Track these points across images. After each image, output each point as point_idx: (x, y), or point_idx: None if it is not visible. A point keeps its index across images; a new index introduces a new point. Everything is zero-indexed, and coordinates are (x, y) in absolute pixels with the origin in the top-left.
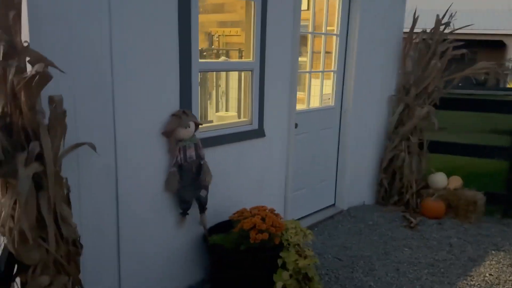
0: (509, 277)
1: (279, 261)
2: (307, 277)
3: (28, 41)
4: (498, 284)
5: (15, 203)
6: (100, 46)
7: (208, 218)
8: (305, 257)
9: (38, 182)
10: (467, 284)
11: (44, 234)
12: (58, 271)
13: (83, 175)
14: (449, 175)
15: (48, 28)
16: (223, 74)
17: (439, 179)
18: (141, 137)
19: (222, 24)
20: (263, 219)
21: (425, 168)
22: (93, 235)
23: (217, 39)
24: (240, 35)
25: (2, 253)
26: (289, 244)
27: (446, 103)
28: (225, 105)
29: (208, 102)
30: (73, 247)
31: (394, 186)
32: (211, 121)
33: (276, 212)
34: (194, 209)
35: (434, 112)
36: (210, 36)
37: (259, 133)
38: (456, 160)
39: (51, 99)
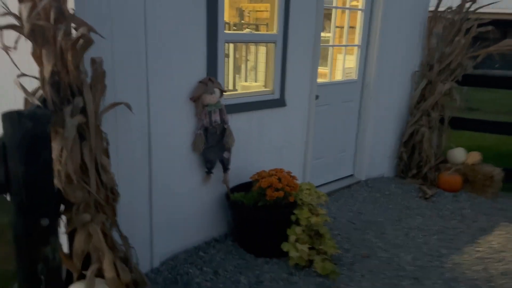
0: None
1: (293, 217)
2: (318, 233)
3: (74, 8)
4: (504, 251)
5: (62, 150)
6: (135, 15)
7: (231, 179)
8: (317, 215)
9: (81, 134)
10: (474, 250)
11: (86, 178)
12: (97, 211)
13: (120, 132)
14: (470, 151)
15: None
16: (253, 48)
17: (458, 154)
18: (171, 100)
19: (253, 0)
20: (279, 179)
21: (445, 143)
22: (128, 186)
23: (248, 14)
24: (268, 11)
25: None
26: (302, 203)
27: (468, 80)
28: (253, 77)
29: (237, 74)
30: (111, 194)
31: (413, 160)
32: (236, 90)
33: (292, 174)
34: (218, 171)
35: (455, 88)
36: (241, 12)
37: (280, 102)
38: (482, 138)
39: (93, 61)
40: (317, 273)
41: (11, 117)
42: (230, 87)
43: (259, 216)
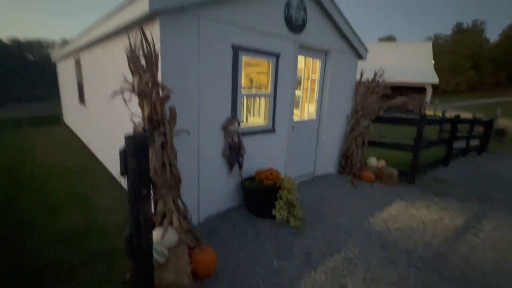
0: (404, 213)
1: (278, 195)
2: (292, 205)
3: (161, 79)
4: (397, 216)
5: (152, 155)
6: (193, 82)
7: (243, 173)
8: (292, 194)
9: (163, 146)
10: (380, 215)
11: (164, 171)
12: (170, 189)
13: (183, 146)
14: (379, 159)
15: (169, 73)
16: (258, 99)
17: (372, 161)
18: (211, 129)
19: (259, 72)
20: (270, 174)
21: (365, 155)
22: (187, 175)
23: (256, 80)
24: (267, 80)
25: None
26: (284, 187)
27: (378, 119)
28: (258, 115)
29: (249, 113)
30: (177, 180)
31: (348, 164)
32: (247, 122)
33: (279, 171)
34: (236, 168)
35: (371, 124)
36: (251, 80)
37: (272, 130)
38: (387, 152)
39: (170, 108)
40: (291, 227)
41: (129, 137)
42: (244, 121)
43: (259, 195)
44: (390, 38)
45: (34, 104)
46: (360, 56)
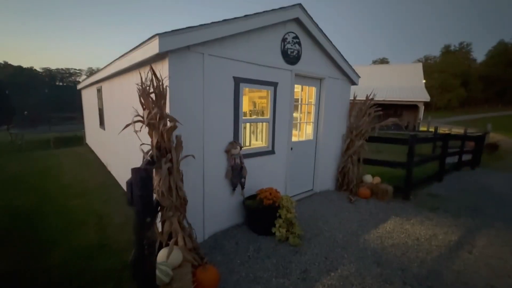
0: (399, 229)
1: (278, 214)
2: (291, 223)
3: (169, 111)
4: (392, 232)
5: (160, 180)
6: (198, 111)
7: (246, 192)
8: (290, 213)
9: (170, 171)
10: (376, 231)
11: (170, 193)
12: (176, 210)
13: (189, 169)
14: (375, 175)
15: (177, 105)
16: (261, 123)
17: (367, 178)
18: (215, 153)
19: (261, 97)
20: (270, 194)
21: (361, 172)
22: (193, 196)
23: (258, 103)
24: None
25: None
26: (283, 206)
27: (371, 139)
28: (261, 138)
29: (252, 137)
30: (183, 201)
31: (345, 181)
32: (249, 146)
33: (278, 190)
34: (239, 188)
35: (365, 143)
36: (254, 103)
37: (272, 152)
38: (383, 169)
39: (177, 136)
40: (290, 244)
41: (135, 170)
42: (247, 143)
43: (260, 213)
44: (383, 61)
45: (61, 126)
46: (352, 82)
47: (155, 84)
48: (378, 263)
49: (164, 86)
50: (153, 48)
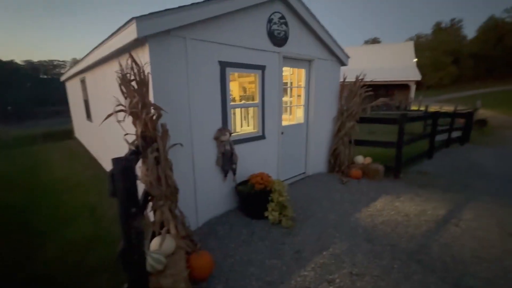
0: (389, 207)
1: (270, 198)
2: (283, 206)
3: (153, 99)
4: (383, 210)
5: (147, 169)
6: (184, 98)
7: (238, 178)
8: (282, 196)
9: (157, 161)
10: (367, 210)
11: (160, 183)
12: (166, 199)
13: (178, 157)
14: (366, 156)
15: (160, 92)
16: (253, 108)
17: (359, 159)
18: (204, 140)
19: (251, 82)
20: (261, 179)
21: (353, 154)
22: (184, 185)
23: (248, 89)
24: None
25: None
26: (275, 190)
27: (363, 119)
28: (251, 124)
29: (244, 122)
30: (173, 189)
31: (337, 163)
32: (238, 132)
33: (269, 175)
34: (231, 174)
35: (356, 124)
36: (244, 88)
37: (262, 137)
38: (376, 149)
39: (162, 125)
40: (283, 227)
41: (116, 160)
42: (239, 129)
43: (252, 198)
44: (374, 41)
45: (48, 120)
46: (342, 63)
47: (135, 71)
48: (368, 240)
49: (146, 73)
50: (131, 33)
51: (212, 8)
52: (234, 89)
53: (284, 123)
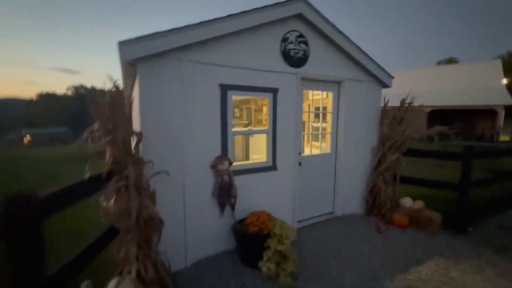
0: (441, 277)
1: (266, 244)
2: (284, 256)
3: (139, 122)
4: (429, 281)
5: (114, 198)
6: (177, 122)
7: (242, 214)
8: (282, 244)
9: (127, 189)
10: (404, 277)
11: (129, 215)
12: (139, 233)
13: (167, 185)
14: (417, 199)
15: (149, 116)
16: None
17: (406, 201)
18: (199, 169)
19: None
20: (257, 219)
21: (397, 194)
22: (171, 216)
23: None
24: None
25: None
26: (274, 235)
27: (410, 152)
28: (261, 152)
29: (255, 150)
30: (156, 222)
31: (376, 203)
32: (245, 161)
33: (271, 215)
34: (229, 209)
35: (401, 157)
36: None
37: (272, 167)
38: (430, 190)
39: (135, 151)
40: (281, 284)
41: (8, 198)
42: (244, 157)
43: (246, 241)
44: (450, 61)
45: None
46: (384, 84)
47: (112, 91)
48: None
49: (130, 95)
50: (119, 56)
51: (209, 30)
52: (242, 111)
53: (314, 151)
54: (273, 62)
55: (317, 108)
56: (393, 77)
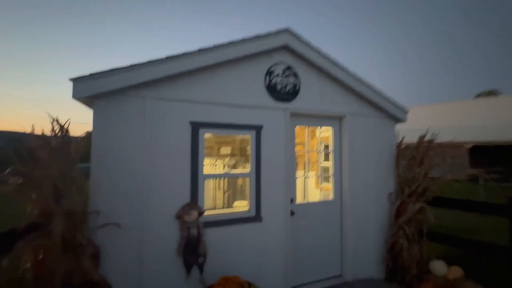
0: None
1: None
2: None
3: (92, 165)
4: None
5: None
6: (136, 165)
7: (215, 276)
8: None
9: (50, 247)
10: None
11: (51, 279)
12: None
13: (121, 242)
14: (452, 266)
15: (102, 159)
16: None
17: (438, 267)
18: (163, 220)
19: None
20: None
21: (425, 254)
22: (122, 281)
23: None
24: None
25: None
26: None
27: (438, 201)
28: (243, 198)
29: (223, 196)
30: (96, 286)
31: (398, 266)
32: (223, 208)
33: (249, 282)
34: (197, 271)
35: (427, 208)
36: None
37: (255, 218)
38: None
39: (62, 202)
40: None
41: None
42: (228, 206)
43: None
44: (490, 93)
45: None
46: (397, 119)
47: (56, 131)
48: None
49: (73, 137)
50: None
51: (175, 65)
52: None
53: (298, 199)
54: (256, 97)
55: (327, 147)
56: (407, 111)
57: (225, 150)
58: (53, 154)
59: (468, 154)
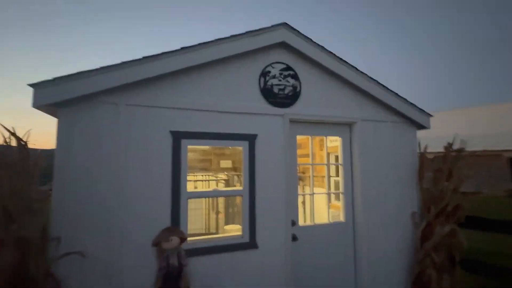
0: None
1: None
2: None
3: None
4: None
5: None
6: (109, 183)
7: None
8: None
9: None
10: None
11: None
12: None
13: (88, 272)
14: None
15: (67, 174)
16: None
17: None
18: (138, 244)
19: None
20: None
21: (458, 285)
22: None
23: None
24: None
25: None
26: None
27: (473, 222)
28: (235, 221)
29: (216, 218)
30: None
31: None
32: (214, 233)
33: None
34: None
35: (459, 231)
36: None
37: (250, 244)
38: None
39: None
40: None
41: None
42: (216, 228)
43: None
44: None
45: None
46: (420, 125)
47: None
48: None
49: (33, 149)
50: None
51: (152, 67)
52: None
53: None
54: (249, 101)
55: (337, 158)
56: (430, 115)
57: (225, 164)
58: (6, 171)
59: (508, 165)
